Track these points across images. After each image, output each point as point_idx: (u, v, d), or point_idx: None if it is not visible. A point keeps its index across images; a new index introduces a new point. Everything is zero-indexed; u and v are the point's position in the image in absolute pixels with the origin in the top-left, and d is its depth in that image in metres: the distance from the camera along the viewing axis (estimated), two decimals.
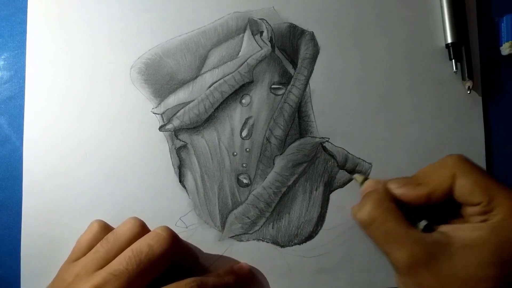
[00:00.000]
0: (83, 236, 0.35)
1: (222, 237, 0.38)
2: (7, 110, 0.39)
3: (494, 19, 0.41)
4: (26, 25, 0.39)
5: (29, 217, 0.37)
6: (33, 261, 0.37)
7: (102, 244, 0.33)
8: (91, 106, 0.38)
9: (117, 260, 0.31)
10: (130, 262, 0.31)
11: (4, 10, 0.39)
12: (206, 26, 0.39)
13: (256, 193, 0.38)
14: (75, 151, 0.38)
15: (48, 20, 0.39)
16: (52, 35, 0.39)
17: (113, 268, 0.31)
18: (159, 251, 0.32)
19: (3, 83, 0.39)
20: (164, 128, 0.38)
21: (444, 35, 0.40)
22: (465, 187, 0.29)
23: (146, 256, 0.31)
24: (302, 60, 0.39)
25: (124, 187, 0.38)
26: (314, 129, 0.39)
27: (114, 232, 0.34)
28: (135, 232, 0.33)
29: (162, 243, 0.32)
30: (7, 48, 0.39)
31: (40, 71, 0.38)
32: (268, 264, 0.38)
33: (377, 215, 0.30)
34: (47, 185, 0.37)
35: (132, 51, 0.39)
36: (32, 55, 0.39)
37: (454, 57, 0.39)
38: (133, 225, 0.34)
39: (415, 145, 0.39)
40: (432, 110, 0.40)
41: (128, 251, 0.32)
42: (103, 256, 0.32)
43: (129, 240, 0.33)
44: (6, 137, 0.38)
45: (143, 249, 0.31)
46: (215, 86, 0.39)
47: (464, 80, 0.39)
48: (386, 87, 0.40)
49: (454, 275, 0.27)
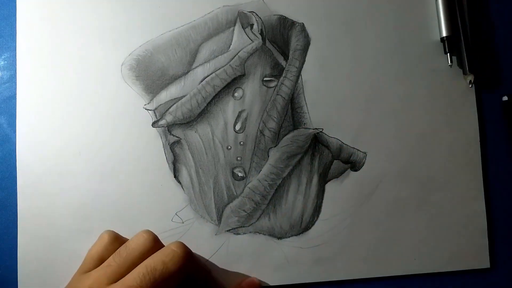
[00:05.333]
0: (94, 248, 0.34)
1: (219, 231, 0.38)
2: (7, 110, 0.39)
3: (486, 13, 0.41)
4: None
5: (25, 218, 0.37)
6: (30, 261, 0.37)
7: (115, 257, 0.33)
8: (83, 104, 0.38)
9: (131, 276, 0.31)
10: (144, 279, 0.30)
11: (4, 10, 0.39)
12: (196, 21, 0.39)
13: (251, 186, 0.38)
14: (69, 150, 0.38)
15: (37, 19, 0.39)
16: (41, 34, 0.39)
17: (127, 284, 0.30)
18: (173, 268, 0.31)
19: (3, 83, 0.39)
20: (157, 124, 0.38)
21: (439, 29, 0.40)
22: None
23: (160, 274, 0.31)
24: (293, 52, 0.39)
25: (119, 184, 0.38)
26: (308, 120, 0.39)
27: (127, 246, 0.33)
28: (148, 247, 0.33)
29: (177, 260, 0.32)
30: (7, 48, 0.39)
31: (30, 71, 0.38)
32: (265, 256, 0.38)
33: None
34: (42, 185, 0.37)
35: (123, 47, 0.39)
36: (22, 54, 0.38)
37: (449, 51, 0.39)
38: (146, 240, 0.33)
39: (408, 133, 0.39)
40: (425, 99, 0.40)
41: (142, 268, 0.31)
42: (116, 270, 0.32)
43: (142, 254, 0.32)
44: (6, 137, 0.38)
45: (157, 266, 0.31)
46: (207, 80, 0.39)
47: (465, 74, 0.39)
48: (378, 76, 0.40)
49: None
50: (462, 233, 0.39)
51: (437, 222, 0.39)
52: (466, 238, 0.39)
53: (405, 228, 0.39)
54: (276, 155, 0.38)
